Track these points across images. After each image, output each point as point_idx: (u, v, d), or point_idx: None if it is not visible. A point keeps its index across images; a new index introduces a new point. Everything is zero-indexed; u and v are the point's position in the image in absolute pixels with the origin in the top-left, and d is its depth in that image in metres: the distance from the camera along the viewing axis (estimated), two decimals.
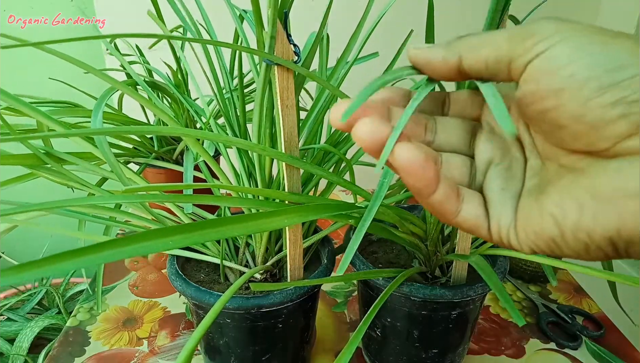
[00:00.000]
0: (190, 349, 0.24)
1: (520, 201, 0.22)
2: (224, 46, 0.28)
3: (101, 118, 0.36)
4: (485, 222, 0.22)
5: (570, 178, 0.20)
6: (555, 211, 0.20)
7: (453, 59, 0.21)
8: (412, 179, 0.20)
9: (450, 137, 0.24)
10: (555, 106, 0.19)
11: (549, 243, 0.21)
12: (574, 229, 0.19)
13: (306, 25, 0.45)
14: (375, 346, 0.46)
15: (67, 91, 0.56)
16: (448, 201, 0.22)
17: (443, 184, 0.21)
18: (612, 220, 0.18)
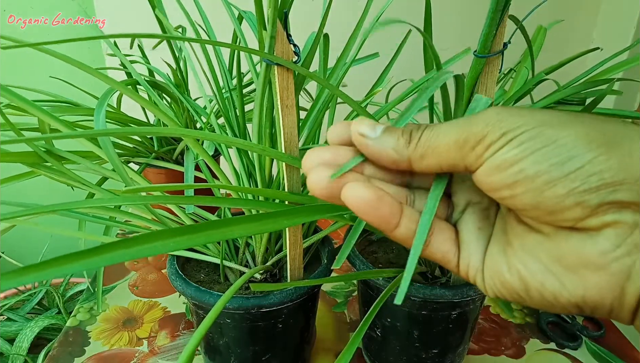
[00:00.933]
0: (192, 349, 0.24)
1: (489, 246, 0.22)
2: (224, 46, 0.28)
3: (104, 118, 0.36)
4: (454, 258, 0.23)
5: (535, 239, 0.20)
6: (521, 268, 0.20)
7: (403, 164, 0.21)
8: (368, 218, 0.21)
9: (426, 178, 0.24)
10: (511, 196, 0.19)
11: (514, 296, 0.21)
12: (539, 288, 0.20)
13: (306, 25, 0.45)
14: (375, 346, 0.46)
15: (67, 90, 0.56)
16: (413, 236, 0.22)
17: (405, 220, 0.22)
18: (578, 288, 0.19)
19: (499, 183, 0.19)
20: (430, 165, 0.21)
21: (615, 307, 0.19)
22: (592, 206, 0.18)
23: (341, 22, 0.50)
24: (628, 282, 0.18)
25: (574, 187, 0.18)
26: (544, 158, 0.18)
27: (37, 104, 0.36)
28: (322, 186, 0.21)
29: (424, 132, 0.21)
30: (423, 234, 0.21)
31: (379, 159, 0.21)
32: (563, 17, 0.57)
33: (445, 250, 0.23)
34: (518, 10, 0.35)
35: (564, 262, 0.19)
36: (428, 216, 0.21)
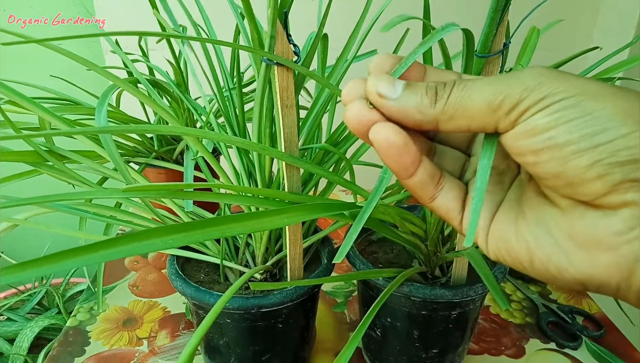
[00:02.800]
0: (192, 349, 0.24)
1: (499, 211, 0.22)
2: (224, 45, 0.28)
3: (105, 116, 0.36)
4: (457, 215, 0.23)
5: (551, 212, 0.20)
6: (530, 240, 0.20)
7: (429, 125, 0.20)
8: (389, 161, 0.21)
9: (451, 136, 0.24)
10: (534, 162, 0.19)
11: (517, 264, 0.21)
12: (545, 261, 0.20)
13: (306, 25, 0.45)
14: (375, 346, 0.46)
15: (67, 90, 0.56)
16: (424, 187, 0.22)
17: (422, 171, 0.21)
18: (586, 266, 0.19)
19: (526, 148, 0.19)
20: (458, 126, 0.20)
21: (622, 288, 0.18)
22: (614, 181, 0.17)
23: (341, 22, 0.50)
24: (637, 264, 0.18)
25: (600, 159, 0.17)
26: (576, 128, 0.18)
27: (37, 102, 0.36)
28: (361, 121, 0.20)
29: (453, 91, 0.20)
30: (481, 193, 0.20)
31: (401, 121, 0.21)
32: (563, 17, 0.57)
33: (450, 207, 0.23)
34: (518, 10, 0.35)
35: (575, 239, 0.19)
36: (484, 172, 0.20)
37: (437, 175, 0.23)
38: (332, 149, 0.36)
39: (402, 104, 0.20)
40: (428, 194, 0.23)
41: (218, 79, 0.42)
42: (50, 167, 0.40)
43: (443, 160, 0.24)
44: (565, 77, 0.19)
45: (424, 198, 0.23)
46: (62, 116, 0.38)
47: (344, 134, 0.44)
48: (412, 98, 0.20)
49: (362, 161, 0.46)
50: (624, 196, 0.17)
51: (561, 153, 0.18)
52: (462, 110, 0.19)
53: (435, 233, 0.40)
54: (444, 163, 0.24)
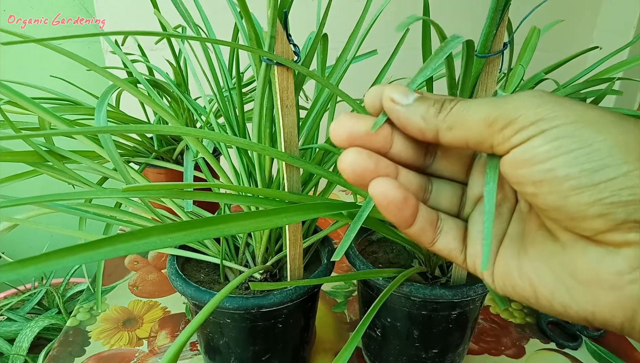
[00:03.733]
0: (180, 344, 0.24)
1: (502, 247, 0.22)
2: (224, 44, 0.28)
3: (105, 116, 0.36)
4: (460, 254, 0.23)
5: (552, 248, 0.20)
6: (533, 277, 0.20)
7: (430, 134, 0.20)
8: (389, 216, 0.21)
9: (448, 164, 0.24)
10: (534, 193, 0.18)
11: (523, 299, 0.21)
12: (549, 297, 0.20)
13: (306, 25, 0.45)
14: (375, 346, 0.46)
15: (66, 90, 0.56)
16: (423, 234, 0.22)
17: (420, 219, 0.22)
18: (589, 304, 0.18)
19: (525, 178, 0.18)
20: (456, 138, 0.20)
21: (626, 327, 0.18)
22: (617, 220, 0.17)
23: (341, 22, 0.50)
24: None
25: (601, 198, 0.17)
26: (576, 161, 0.17)
27: (36, 102, 0.36)
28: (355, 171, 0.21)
29: (457, 105, 0.20)
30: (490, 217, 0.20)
31: (406, 127, 0.21)
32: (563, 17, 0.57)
33: (451, 247, 0.23)
34: (518, 10, 0.35)
35: (577, 276, 0.19)
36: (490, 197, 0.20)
37: (434, 220, 0.23)
38: (332, 149, 0.36)
39: (410, 111, 0.21)
40: (428, 239, 0.23)
41: (218, 79, 0.42)
42: (50, 167, 0.40)
43: (440, 194, 0.24)
44: (563, 101, 0.18)
45: (425, 242, 0.23)
46: (62, 116, 0.38)
47: None
48: (421, 107, 0.20)
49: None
50: (626, 236, 0.17)
51: (561, 187, 0.17)
52: (460, 122, 0.20)
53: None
54: (441, 197, 0.24)
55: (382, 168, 0.21)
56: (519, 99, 0.19)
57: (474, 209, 0.23)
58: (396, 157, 0.22)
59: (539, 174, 0.18)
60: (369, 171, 0.21)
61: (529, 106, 0.18)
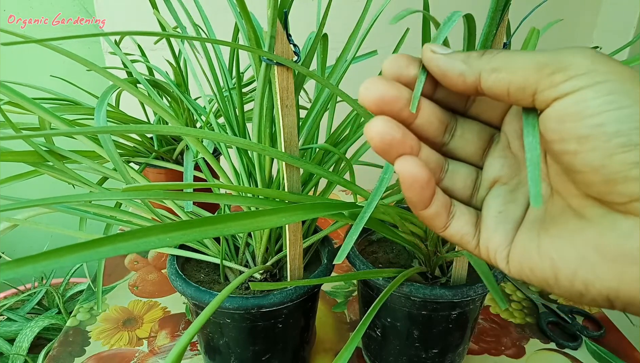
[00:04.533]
0: (183, 346, 0.24)
1: (520, 230, 0.22)
2: (224, 44, 0.28)
3: (105, 116, 0.36)
4: (473, 240, 0.23)
5: (577, 225, 0.19)
6: (555, 256, 0.19)
7: (471, 78, 0.20)
8: (411, 195, 0.21)
9: (466, 144, 0.23)
10: (576, 151, 0.18)
11: (541, 282, 0.20)
12: (571, 277, 0.19)
13: (306, 25, 0.45)
14: (375, 346, 0.46)
15: (66, 90, 0.56)
16: (437, 218, 0.22)
17: (436, 202, 0.22)
18: (614, 280, 0.18)
19: (569, 133, 0.17)
20: (499, 81, 0.19)
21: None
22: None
23: (341, 22, 0.50)
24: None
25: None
26: (629, 118, 0.16)
27: (37, 102, 0.36)
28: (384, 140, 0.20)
29: (502, 52, 0.20)
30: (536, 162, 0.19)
31: (447, 72, 0.20)
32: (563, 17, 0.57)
33: (464, 232, 0.23)
34: (518, 10, 0.35)
35: (603, 252, 0.18)
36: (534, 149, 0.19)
37: (448, 204, 0.23)
38: (332, 149, 0.36)
39: (451, 57, 0.20)
40: (441, 224, 0.23)
41: (218, 79, 0.42)
42: (50, 167, 0.40)
43: (455, 175, 0.24)
44: (617, 62, 0.17)
45: (438, 227, 0.23)
46: (62, 116, 0.38)
47: (344, 134, 0.44)
48: (461, 54, 0.20)
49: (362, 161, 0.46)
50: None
51: (609, 144, 0.16)
52: (507, 64, 0.19)
53: (435, 233, 0.40)
54: (456, 178, 0.24)
55: (408, 140, 0.21)
56: (574, 50, 0.18)
57: (488, 194, 0.23)
58: (418, 130, 0.22)
59: (586, 129, 0.17)
60: (396, 141, 0.20)
61: (584, 56, 0.17)
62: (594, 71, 0.17)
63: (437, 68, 0.20)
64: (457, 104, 0.23)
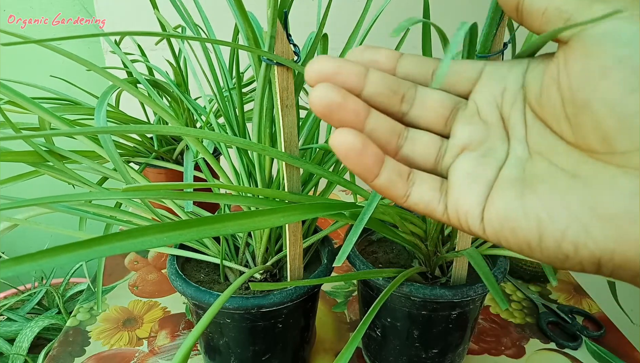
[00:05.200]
0: (188, 347, 0.24)
1: (495, 190, 0.20)
2: (223, 45, 0.28)
3: (105, 116, 0.36)
4: (439, 205, 0.22)
5: (568, 183, 0.18)
6: (544, 215, 0.18)
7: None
8: (350, 165, 0.20)
9: (427, 112, 0.22)
10: (596, 85, 0.17)
11: (522, 244, 0.19)
12: (559, 239, 0.18)
13: (306, 25, 0.45)
14: (375, 346, 0.46)
15: (66, 90, 0.56)
16: (393, 187, 0.21)
17: (387, 170, 0.21)
18: (610, 241, 0.17)
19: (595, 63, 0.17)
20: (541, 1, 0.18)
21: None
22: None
23: (341, 22, 0.50)
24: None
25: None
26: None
27: (36, 102, 0.36)
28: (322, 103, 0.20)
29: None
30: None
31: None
32: None
33: (428, 199, 0.22)
34: None
35: (600, 211, 0.17)
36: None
37: (404, 171, 0.22)
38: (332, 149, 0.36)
39: None
40: (400, 193, 0.22)
41: (218, 79, 0.42)
42: (50, 167, 0.40)
43: (415, 143, 0.22)
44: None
45: (397, 197, 0.22)
46: (62, 116, 0.38)
47: None
48: None
49: None
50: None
51: (632, 78, 0.16)
52: None
53: (435, 233, 0.40)
54: (416, 146, 0.22)
55: (351, 103, 0.20)
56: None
57: (456, 159, 0.22)
58: (369, 100, 0.21)
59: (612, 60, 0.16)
60: (336, 104, 0.20)
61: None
62: (633, 5, 0.17)
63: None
64: (419, 78, 0.23)
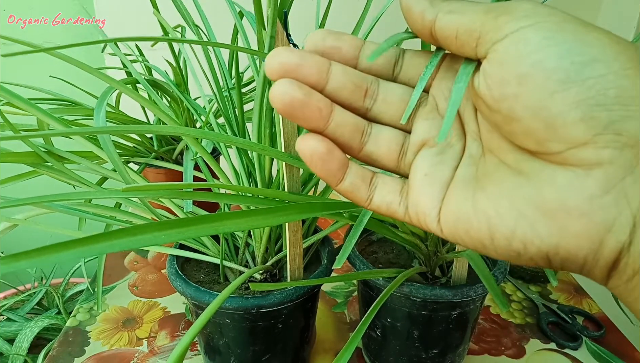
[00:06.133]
0: (185, 346, 0.24)
1: (450, 190, 0.21)
2: (223, 47, 0.28)
3: (104, 116, 0.36)
4: (400, 207, 0.22)
5: (513, 181, 0.19)
6: (492, 214, 0.19)
7: (430, 16, 0.20)
8: (316, 169, 0.21)
9: (389, 107, 0.22)
10: (516, 93, 0.17)
11: (476, 243, 0.20)
12: (509, 236, 0.18)
13: (306, 25, 0.45)
14: (375, 346, 0.46)
15: (66, 90, 0.56)
16: (357, 191, 0.22)
17: (350, 175, 0.22)
18: (554, 236, 0.17)
19: (510, 72, 0.17)
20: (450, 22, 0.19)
21: (588, 261, 0.17)
22: (598, 127, 0.16)
23: (341, 22, 0.50)
24: (609, 235, 0.17)
25: (588, 97, 0.16)
26: (568, 53, 0.16)
27: (34, 104, 0.36)
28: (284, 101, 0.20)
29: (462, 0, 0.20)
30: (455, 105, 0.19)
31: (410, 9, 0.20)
32: None
33: (389, 201, 0.22)
34: None
35: (543, 207, 0.18)
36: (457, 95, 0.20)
37: (367, 175, 0.22)
38: None
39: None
40: (363, 197, 0.22)
41: (217, 79, 0.42)
42: (49, 168, 0.40)
43: (379, 140, 0.23)
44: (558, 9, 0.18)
45: (360, 200, 0.22)
46: (61, 117, 0.38)
47: None
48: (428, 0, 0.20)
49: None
50: (600, 153, 0.16)
51: (548, 82, 0.16)
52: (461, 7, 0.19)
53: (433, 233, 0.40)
54: (380, 143, 0.23)
55: (313, 100, 0.20)
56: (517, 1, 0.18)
57: (415, 157, 0.22)
58: (332, 96, 0.21)
59: (526, 67, 0.17)
60: (298, 101, 0.20)
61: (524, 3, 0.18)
62: (534, 13, 0.17)
63: (405, 4, 0.20)
64: (382, 72, 0.23)
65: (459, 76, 0.20)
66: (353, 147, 0.22)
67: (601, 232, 0.17)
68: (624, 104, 0.16)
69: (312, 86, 0.21)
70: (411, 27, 0.21)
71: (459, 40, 0.19)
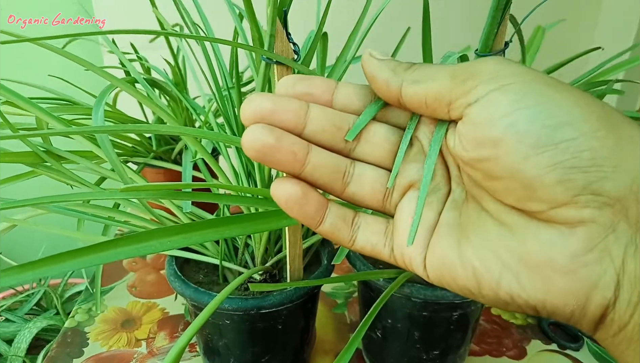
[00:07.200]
0: (182, 346, 0.23)
1: (435, 236, 0.21)
2: (223, 43, 0.28)
3: (102, 116, 0.35)
4: (385, 249, 0.22)
5: (497, 232, 0.19)
6: (477, 264, 0.19)
7: (394, 86, 0.20)
8: (292, 214, 0.20)
9: (373, 148, 0.22)
10: (491, 156, 0.17)
11: (464, 291, 0.20)
12: (494, 287, 0.18)
13: (306, 24, 0.45)
14: (375, 347, 0.46)
15: (65, 90, 0.56)
16: (338, 232, 0.22)
17: (331, 216, 0.21)
18: (539, 291, 0.17)
19: (484, 136, 0.17)
20: (417, 92, 0.19)
21: (576, 315, 0.17)
22: (575, 189, 0.16)
23: (341, 22, 0.50)
24: (594, 292, 0.17)
25: (562, 160, 0.16)
26: (538, 116, 0.16)
27: (34, 102, 0.36)
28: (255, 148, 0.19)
29: (423, 65, 0.20)
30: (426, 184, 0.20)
31: (375, 76, 0.20)
32: (564, 17, 0.56)
33: (373, 242, 0.22)
34: (519, 9, 0.35)
35: (527, 261, 0.18)
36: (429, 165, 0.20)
37: (349, 216, 0.22)
38: None
39: (383, 64, 0.20)
40: (345, 238, 0.22)
41: (217, 78, 0.42)
42: (48, 168, 0.40)
43: (362, 180, 0.22)
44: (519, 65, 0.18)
45: (343, 241, 0.22)
46: (60, 116, 0.38)
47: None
48: (392, 63, 0.20)
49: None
50: (581, 213, 0.16)
51: (522, 146, 0.16)
52: (426, 75, 0.19)
53: None
54: (364, 184, 0.22)
55: (285, 144, 0.20)
56: (482, 59, 0.19)
57: (402, 198, 0.22)
58: (312, 138, 0.21)
59: (499, 131, 0.17)
60: (268, 146, 0.19)
61: (489, 63, 0.18)
62: (499, 75, 0.17)
63: (368, 71, 0.21)
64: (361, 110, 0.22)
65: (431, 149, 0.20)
66: (335, 188, 0.22)
67: (586, 289, 0.17)
68: (598, 165, 0.16)
69: (289, 129, 0.20)
70: (378, 94, 0.21)
71: (430, 108, 0.19)
